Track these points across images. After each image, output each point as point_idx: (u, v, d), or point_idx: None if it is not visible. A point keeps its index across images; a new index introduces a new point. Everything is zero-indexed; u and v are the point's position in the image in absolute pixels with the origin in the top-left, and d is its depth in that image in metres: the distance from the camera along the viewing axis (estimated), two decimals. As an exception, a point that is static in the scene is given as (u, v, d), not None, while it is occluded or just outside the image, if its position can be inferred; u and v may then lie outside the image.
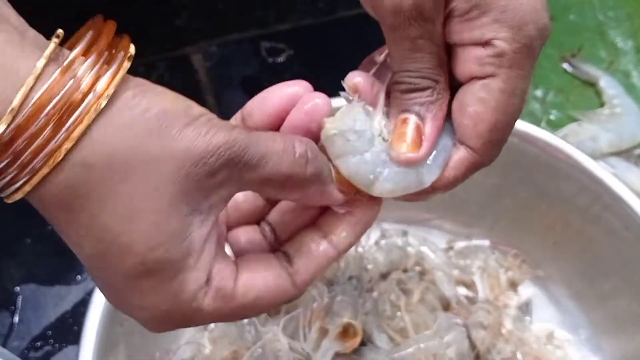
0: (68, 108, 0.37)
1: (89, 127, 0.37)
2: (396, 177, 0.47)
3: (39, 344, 0.78)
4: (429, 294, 0.79)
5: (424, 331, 0.74)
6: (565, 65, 1.01)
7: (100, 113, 0.37)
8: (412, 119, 0.46)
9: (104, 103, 0.37)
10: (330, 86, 0.49)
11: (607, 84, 0.98)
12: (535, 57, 0.47)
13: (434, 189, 0.48)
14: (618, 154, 0.93)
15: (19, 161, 0.37)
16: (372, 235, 0.84)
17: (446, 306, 0.79)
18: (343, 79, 0.49)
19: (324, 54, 0.96)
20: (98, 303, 0.66)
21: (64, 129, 0.37)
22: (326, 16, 1.01)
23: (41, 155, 0.37)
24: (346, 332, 0.72)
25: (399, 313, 0.76)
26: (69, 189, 0.38)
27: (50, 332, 0.79)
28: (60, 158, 0.37)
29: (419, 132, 0.46)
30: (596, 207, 0.75)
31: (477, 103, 0.46)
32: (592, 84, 1.00)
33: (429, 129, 0.46)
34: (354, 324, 0.72)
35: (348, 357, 0.72)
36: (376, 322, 0.74)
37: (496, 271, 0.83)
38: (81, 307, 0.80)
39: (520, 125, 0.76)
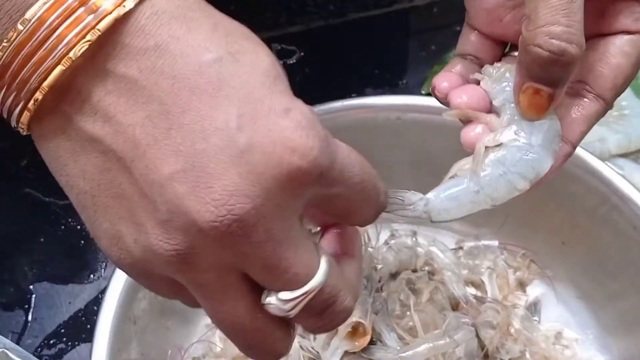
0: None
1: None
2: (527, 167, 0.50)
3: (52, 341, 0.79)
4: (438, 294, 0.79)
5: (433, 330, 0.75)
6: (574, 67, 1.02)
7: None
8: (545, 91, 0.46)
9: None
10: (341, 87, 0.49)
11: (615, 85, 0.98)
12: None
13: (574, 145, 0.50)
14: (626, 155, 0.93)
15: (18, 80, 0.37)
16: (382, 236, 0.85)
17: (455, 306, 0.80)
18: (353, 80, 0.50)
19: (335, 56, 0.96)
20: (111, 301, 0.67)
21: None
22: (337, 18, 1.02)
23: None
24: (355, 331, 0.72)
25: (408, 312, 0.77)
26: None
27: (63, 330, 0.80)
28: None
29: (549, 100, 0.47)
30: (604, 207, 0.76)
31: (621, 56, 0.48)
32: (600, 86, 1.00)
33: (558, 96, 0.47)
34: (363, 323, 0.72)
35: (357, 355, 0.72)
36: (385, 321, 0.75)
37: (505, 271, 0.83)
38: (94, 305, 0.81)
39: (529, 126, 0.77)
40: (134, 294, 0.69)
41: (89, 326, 0.79)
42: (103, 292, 0.69)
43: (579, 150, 0.75)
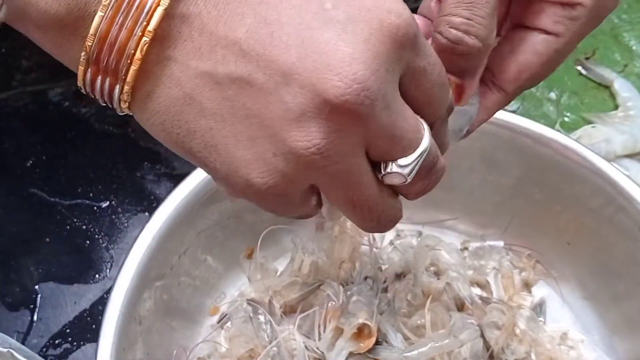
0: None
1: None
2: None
3: (58, 341, 0.79)
4: (443, 294, 0.79)
5: (439, 330, 0.75)
6: (580, 68, 1.02)
7: None
8: (454, 80, 0.47)
9: None
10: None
11: (621, 86, 0.98)
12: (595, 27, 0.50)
13: (468, 131, 0.52)
14: (632, 156, 0.93)
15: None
16: (387, 236, 0.85)
17: (461, 306, 0.80)
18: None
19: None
20: (116, 301, 0.67)
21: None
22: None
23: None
24: (361, 332, 0.72)
25: (415, 312, 0.77)
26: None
27: (68, 330, 0.80)
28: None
29: (459, 90, 0.47)
30: (610, 208, 0.75)
31: (531, 53, 0.49)
32: (606, 87, 1.00)
33: (468, 86, 0.48)
34: (369, 324, 0.72)
35: (362, 356, 0.72)
36: (391, 322, 0.75)
37: (510, 272, 0.83)
38: (99, 305, 0.81)
39: (535, 127, 0.77)
40: (140, 294, 0.69)
41: (94, 326, 0.79)
42: (108, 292, 0.69)
43: (585, 151, 0.75)
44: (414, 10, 0.48)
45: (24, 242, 0.85)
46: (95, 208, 0.86)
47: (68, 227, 0.85)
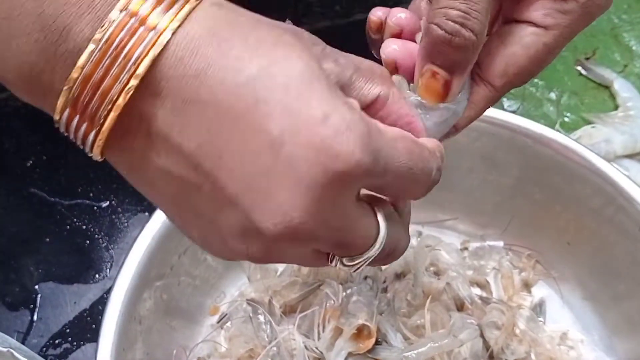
0: (132, 46, 0.37)
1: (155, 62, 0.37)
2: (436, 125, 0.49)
3: (57, 341, 0.79)
4: (443, 294, 0.79)
5: (439, 330, 0.75)
6: (580, 68, 1.02)
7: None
8: (442, 75, 0.47)
9: (168, 36, 0.37)
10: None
11: (621, 86, 0.98)
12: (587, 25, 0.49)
13: (456, 128, 0.50)
14: (632, 156, 0.93)
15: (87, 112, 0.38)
16: (387, 236, 0.84)
17: (460, 306, 0.80)
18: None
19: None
20: (116, 301, 0.67)
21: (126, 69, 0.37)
22: (343, 19, 1.02)
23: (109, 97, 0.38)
24: (360, 332, 0.72)
25: (415, 312, 0.77)
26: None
27: (68, 330, 0.80)
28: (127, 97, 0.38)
29: (446, 86, 0.47)
30: (610, 208, 0.75)
31: (519, 47, 0.48)
32: (606, 87, 1.00)
33: (455, 83, 0.47)
34: (368, 325, 0.72)
35: (362, 356, 0.72)
36: (390, 322, 0.75)
37: (510, 272, 0.83)
38: (99, 305, 0.81)
39: (535, 127, 0.77)
40: (140, 293, 0.69)
41: (94, 326, 0.80)
42: (108, 292, 0.69)
43: (585, 151, 0.75)
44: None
45: (24, 242, 0.85)
46: (95, 208, 0.86)
47: (68, 227, 0.86)
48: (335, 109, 0.38)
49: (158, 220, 0.71)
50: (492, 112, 0.77)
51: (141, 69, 0.37)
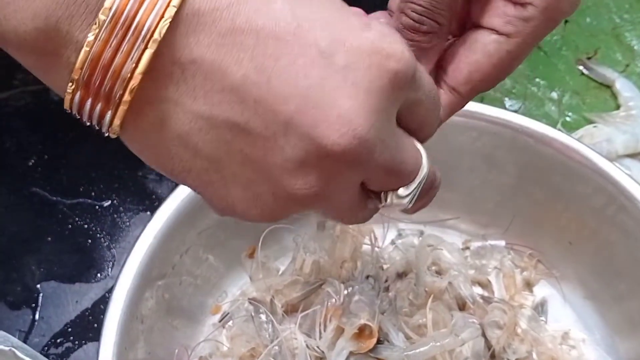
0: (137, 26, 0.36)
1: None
2: None
3: (59, 340, 0.79)
4: (445, 294, 0.79)
5: (441, 329, 0.74)
6: (581, 68, 1.02)
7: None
8: None
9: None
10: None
11: (622, 86, 0.98)
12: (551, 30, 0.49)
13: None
14: (633, 155, 0.93)
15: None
16: (389, 235, 0.85)
17: (462, 306, 0.80)
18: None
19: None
20: (118, 300, 0.67)
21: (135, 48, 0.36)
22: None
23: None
24: (362, 332, 0.72)
25: (417, 311, 0.77)
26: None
27: (70, 329, 0.80)
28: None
29: None
30: (611, 207, 0.75)
31: (482, 54, 0.48)
32: (608, 86, 1.00)
33: None
34: (370, 325, 0.72)
35: (364, 355, 0.72)
36: (392, 321, 0.75)
37: (512, 271, 0.83)
38: (101, 304, 0.81)
39: (536, 126, 0.77)
40: (141, 293, 0.69)
41: (95, 325, 0.79)
42: (110, 291, 0.69)
43: (586, 150, 0.75)
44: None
45: (25, 242, 0.85)
46: (97, 207, 0.86)
47: (70, 226, 0.85)
48: (372, 20, 0.39)
49: (159, 219, 0.71)
50: (493, 111, 0.78)
51: (170, 11, 0.36)
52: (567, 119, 0.97)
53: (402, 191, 0.43)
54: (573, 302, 0.83)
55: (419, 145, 0.44)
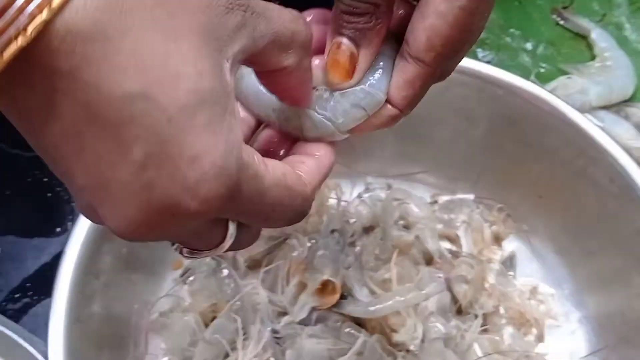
0: None
1: None
2: (347, 111, 0.47)
3: (17, 296, 0.78)
4: (412, 248, 0.78)
5: (406, 284, 0.73)
6: (557, 18, 0.99)
7: None
8: (346, 45, 0.46)
9: None
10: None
11: (598, 36, 0.96)
12: None
13: (401, 110, 0.48)
14: (607, 107, 0.91)
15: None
16: (356, 189, 0.83)
17: (429, 260, 0.78)
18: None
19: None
20: (71, 255, 0.66)
21: None
22: None
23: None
24: (325, 288, 0.71)
25: (382, 266, 0.75)
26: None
27: (29, 285, 0.79)
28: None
29: (352, 60, 0.46)
30: (581, 160, 0.74)
31: (435, 16, 0.45)
32: (583, 37, 0.98)
33: (362, 57, 0.46)
34: (333, 281, 0.71)
35: (327, 310, 0.71)
36: (357, 276, 0.73)
37: (480, 225, 0.82)
38: (60, 259, 0.79)
39: (506, 76, 0.75)
40: (97, 247, 0.68)
41: (54, 281, 0.78)
42: (69, 246, 0.67)
43: (556, 101, 0.74)
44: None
45: (-17, 195, 0.83)
46: (56, 160, 0.84)
47: (29, 179, 0.83)
48: (209, 150, 0.35)
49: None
50: (462, 62, 0.75)
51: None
52: (542, 70, 0.95)
53: (186, 252, 0.43)
54: (542, 257, 0.82)
55: (230, 232, 0.42)
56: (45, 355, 0.63)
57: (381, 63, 0.47)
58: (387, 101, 0.47)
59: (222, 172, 0.36)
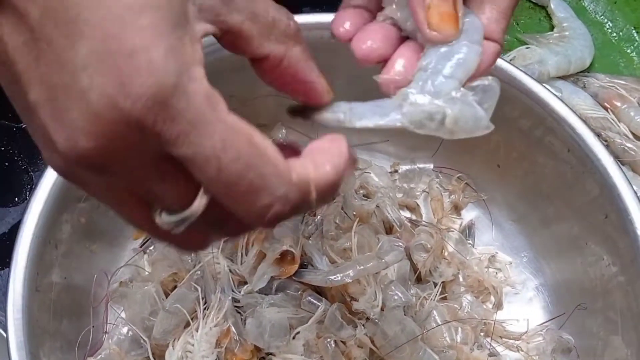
0: None
1: None
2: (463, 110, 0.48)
3: (-25, 266, 0.77)
4: (372, 217, 0.78)
5: (367, 253, 0.74)
6: (516, -12, 1.00)
7: None
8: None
9: None
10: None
11: (557, 6, 0.97)
12: None
13: (497, 43, 0.49)
14: (565, 77, 0.92)
15: None
16: (317, 158, 0.83)
17: (389, 229, 0.79)
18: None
19: None
20: (30, 224, 0.65)
21: None
22: None
23: None
24: (284, 257, 0.71)
25: (343, 235, 0.76)
26: None
27: (-13, 255, 0.78)
28: None
29: (455, 6, 0.46)
30: (539, 129, 0.74)
31: None
32: (542, 7, 0.99)
33: (459, 3, 0.47)
34: (292, 251, 0.71)
35: (287, 280, 0.71)
36: (318, 245, 0.74)
37: (440, 194, 0.83)
38: (18, 229, 0.78)
39: (465, 46, 0.75)
40: (56, 217, 0.67)
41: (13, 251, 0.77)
42: (27, 215, 0.67)
43: (514, 71, 0.74)
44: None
45: (-61, 164, 0.82)
46: (14, 129, 0.83)
47: (-14, 148, 0.83)
48: (149, 47, 0.35)
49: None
50: (422, 31, 0.76)
51: None
52: (501, 40, 0.96)
53: (164, 216, 0.39)
54: (500, 225, 0.82)
55: (201, 192, 0.38)
56: (4, 326, 0.62)
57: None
58: (485, 37, 0.48)
59: (157, 70, 0.34)
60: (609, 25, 0.98)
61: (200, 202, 0.38)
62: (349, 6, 0.51)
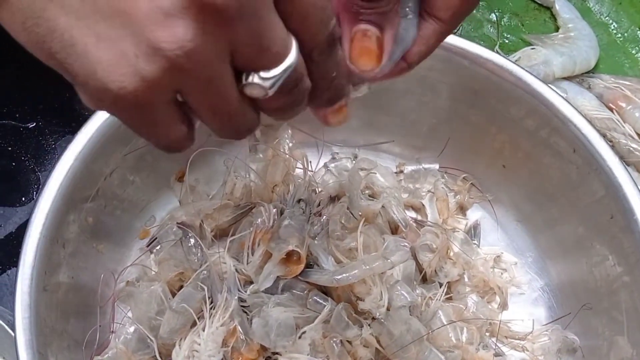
0: None
1: None
2: None
3: (-18, 266, 0.77)
4: (378, 217, 0.78)
5: (372, 253, 0.74)
6: (521, -11, 1.00)
7: None
8: (372, 32, 0.46)
9: None
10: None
11: (562, 7, 0.97)
12: None
13: (409, 64, 0.50)
14: (570, 78, 0.92)
15: None
16: (322, 159, 0.83)
17: (395, 229, 0.79)
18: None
19: None
20: (37, 224, 0.65)
21: None
22: None
23: None
24: (290, 257, 0.71)
25: (348, 235, 0.76)
26: None
27: (-6, 254, 0.78)
28: None
29: (379, 45, 0.46)
30: (545, 130, 0.75)
31: None
32: (547, 8, 0.99)
33: (387, 39, 0.47)
34: (298, 251, 0.71)
35: (293, 279, 0.72)
36: (323, 245, 0.74)
37: (445, 195, 0.83)
38: (26, 229, 0.78)
39: (470, 47, 0.75)
40: (63, 216, 0.67)
41: (20, 250, 0.77)
42: (33, 215, 0.67)
43: (520, 72, 0.74)
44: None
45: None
46: (21, 129, 0.83)
47: (-10, 146, 0.83)
48: None
49: (82, 139, 0.69)
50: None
51: None
52: (506, 40, 0.96)
53: (264, 73, 0.40)
54: (506, 226, 0.83)
55: (293, 38, 0.41)
56: (11, 325, 0.63)
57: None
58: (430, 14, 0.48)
59: None
60: (614, 26, 0.98)
61: (294, 51, 0.40)
62: None
